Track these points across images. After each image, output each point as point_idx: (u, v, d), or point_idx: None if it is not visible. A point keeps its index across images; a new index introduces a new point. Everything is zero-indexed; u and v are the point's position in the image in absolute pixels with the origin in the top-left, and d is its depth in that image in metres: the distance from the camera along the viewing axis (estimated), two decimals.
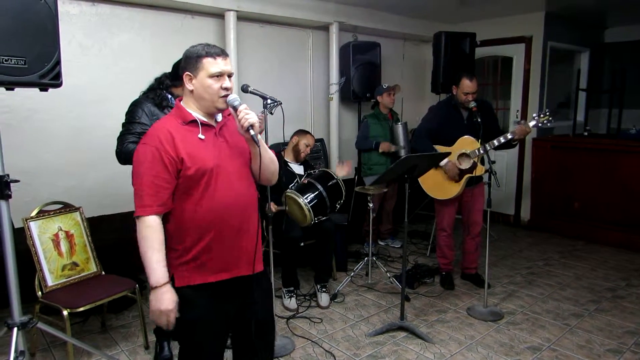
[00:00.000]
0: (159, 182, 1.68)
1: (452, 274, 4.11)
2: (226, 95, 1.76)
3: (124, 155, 2.57)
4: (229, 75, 1.78)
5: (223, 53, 1.77)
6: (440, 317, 3.48)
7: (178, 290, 1.77)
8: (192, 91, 1.78)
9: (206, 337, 1.82)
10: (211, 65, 1.73)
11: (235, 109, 1.76)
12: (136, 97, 2.74)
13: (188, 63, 1.76)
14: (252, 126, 1.73)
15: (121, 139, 2.60)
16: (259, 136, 1.78)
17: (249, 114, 1.73)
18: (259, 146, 1.77)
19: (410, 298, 3.76)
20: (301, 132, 3.94)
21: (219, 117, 1.88)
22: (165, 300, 1.68)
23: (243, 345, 1.98)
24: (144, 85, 2.81)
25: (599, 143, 5.35)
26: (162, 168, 1.68)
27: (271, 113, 2.76)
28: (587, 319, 3.43)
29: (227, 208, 1.77)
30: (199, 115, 1.79)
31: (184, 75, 1.78)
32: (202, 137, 1.76)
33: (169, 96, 2.70)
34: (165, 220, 1.75)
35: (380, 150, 4.66)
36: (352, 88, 5.12)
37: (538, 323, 3.37)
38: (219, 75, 1.74)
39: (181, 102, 1.84)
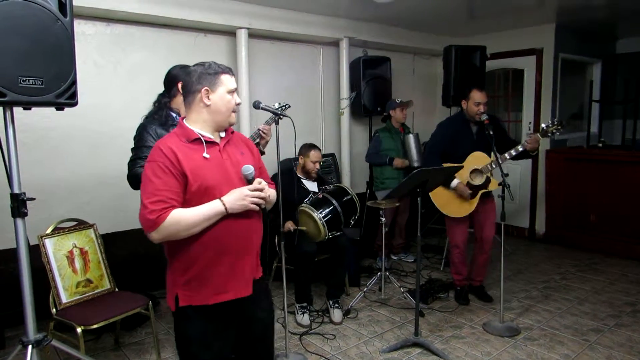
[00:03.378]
0: (171, 188, 1.69)
1: (467, 289, 4.04)
2: (234, 111, 1.85)
3: (133, 179, 2.59)
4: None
5: (232, 71, 1.89)
6: (456, 333, 3.42)
7: (181, 310, 1.79)
8: (209, 105, 1.79)
9: (204, 355, 1.83)
10: (229, 81, 1.82)
11: (249, 182, 1.81)
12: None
13: (205, 78, 1.78)
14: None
15: (132, 164, 2.62)
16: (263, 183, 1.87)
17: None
18: None
19: (425, 313, 3.70)
20: (305, 150, 3.88)
21: (222, 133, 1.89)
22: (234, 197, 1.74)
23: (244, 351, 2.00)
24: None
25: (613, 154, 5.29)
26: (172, 178, 1.69)
27: (283, 116, 2.76)
28: (607, 334, 3.35)
29: (227, 228, 1.77)
30: (203, 132, 1.80)
31: (201, 90, 1.78)
32: (207, 156, 1.77)
33: (173, 114, 2.72)
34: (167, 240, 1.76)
35: (394, 167, 4.66)
36: (363, 102, 5.14)
37: (556, 339, 3.30)
38: (234, 91, 1.84)
39: (184, 120, 1.85)
